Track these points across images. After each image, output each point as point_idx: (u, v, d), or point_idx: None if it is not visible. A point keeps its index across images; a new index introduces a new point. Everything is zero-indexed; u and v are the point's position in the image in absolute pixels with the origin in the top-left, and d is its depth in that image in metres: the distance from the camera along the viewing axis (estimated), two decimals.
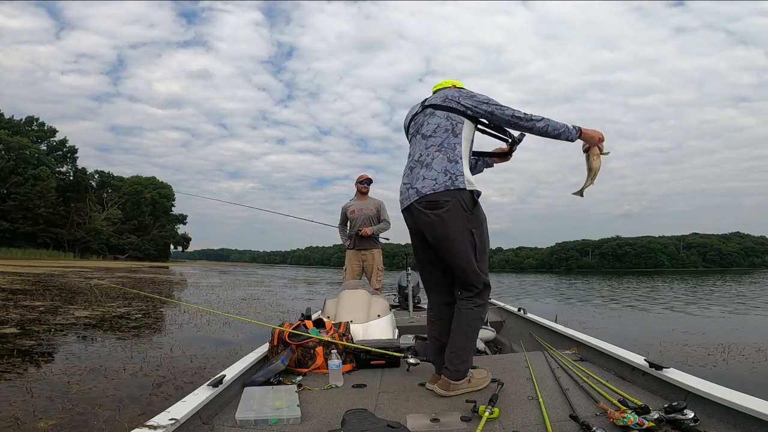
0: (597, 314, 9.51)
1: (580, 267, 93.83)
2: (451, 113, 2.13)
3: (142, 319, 6.97)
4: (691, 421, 1.48)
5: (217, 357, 4.44)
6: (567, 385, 2.06)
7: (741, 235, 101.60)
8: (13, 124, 47.88)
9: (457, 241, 2.02)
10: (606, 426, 1.52)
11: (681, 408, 1.51)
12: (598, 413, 1.68)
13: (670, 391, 1.82)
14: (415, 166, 2.14)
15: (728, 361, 4.56)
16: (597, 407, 1.73)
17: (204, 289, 14.85)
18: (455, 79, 2.34)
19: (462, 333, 2.04)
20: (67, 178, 52.23)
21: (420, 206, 2.06)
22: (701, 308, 10.63)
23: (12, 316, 6.35)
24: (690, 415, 1.49)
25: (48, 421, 2.55)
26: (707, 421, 1.54)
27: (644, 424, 1.49)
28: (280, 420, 1.71)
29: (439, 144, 2.10)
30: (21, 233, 42.70)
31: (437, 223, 2.02)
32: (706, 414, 1.59)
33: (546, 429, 1.57)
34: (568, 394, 1.91)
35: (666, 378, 1.86)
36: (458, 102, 2.13)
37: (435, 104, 2.19)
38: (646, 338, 6.00)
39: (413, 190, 2.10)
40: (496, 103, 2.10)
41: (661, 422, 1.49)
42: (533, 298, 14.38)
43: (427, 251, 2.19)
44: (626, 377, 2.14)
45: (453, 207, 2.00)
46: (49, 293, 10.10)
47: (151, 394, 3.23)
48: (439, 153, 2.08)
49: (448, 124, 2.12)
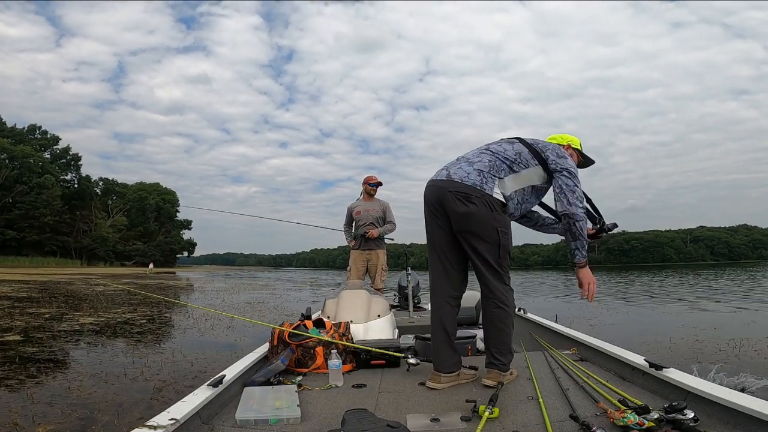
0: (604, 310, 9.42)
1: None
2: (526, 151, 2.18)
3: (146, 324, 6.97)
4: (691, 421, 1.48)
5: (219, 361, 4.42)
6: (567, 385, 2.06)
7: (748, 227, 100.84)
8: (16, 133, 48.37)
9: (484, 235, 2.06)
10: (606, 426, 1.52)
11: (681, 408, 1.51)
12: (598, 413, 1.68)
13: (670, 391, 1.82)
14: (460, 160, 2.21)
15: (740, 357, 4.49)
16: (597, 407, 1.73)
17: (209, 294, 14.88)
18: (572, 136, 2.44)
19: (497, 330, 2.15)
20: (72, 186, 52.67)
21: (449, 191, 2.09)
22: (712, 302, 10.51)
23: (17, 323, 6.37)
24: (690, 415, 1.49)
25: (47, 426, 2.55)
26: (707, 421, 1.54)
27: (644, 424, 1.48)
28: (280, 420, 1.71)
29: (493, 162, 2.13)
30: (28, 242, 43.08)
31: (467, 215, 2.05)
32: (706, 414, 1.58)
33: (546, 429, 1.57)
34: (568, 394, 1.91)
35: (666, 378, 1.87)
36: (543, 151, 2.17)
37: (523, 140, 2.25)
38: (655, 334, 5.92)
39: (445, 172, 2.16)
40: (570, 174, 2.13)
41: (661, 422, 1.49)
42: (537, 295, 14.30)
43: (437, 230, 2.20)
44: (626, 377, 2.14)
45: (480, 204, 2.04)
46: (55, 300, 10.14)
47: (152, 398, 3.22)
48: (488, 163, 2.12)
49: (515, 156, 2.16)
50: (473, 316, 3.88)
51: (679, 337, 5.61)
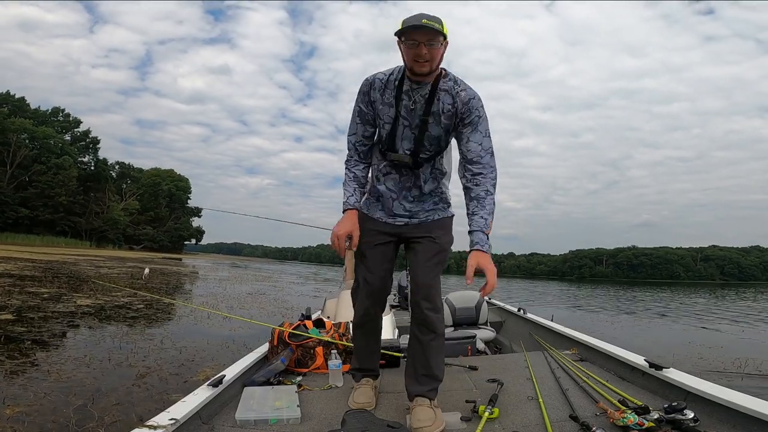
0: (608, 323, 9.28)
1: (593, 275, 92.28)
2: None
3: (143, 309, 6.96)
4: (691, 422, 1.47)
5: (208, 350, 4.37)
6: (567, 385, 2.05)
7: (761, 248, 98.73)
8: (38, 115, 49.13)
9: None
10: (606, 426, 1.52)
11: (681, 408, 1.51)
12: (598, 413, 1.68)
13: (670, 391, 1.81)
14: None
15: (743, 377, 4.39)
16: (597, 407, 1.72)
17: (212, 282, 14.93)
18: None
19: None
20: (89, 168, 53.31)
21: None
22: (718, 322, 10.33)
23: (13, 302, 6.39)
24: (690, 415, 1.48)
25: (15, 408, 2.50)
26: (707, 421, 1.53)
27: (644, 424, 1.48)
28: (280, 420, 1.71)
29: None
30: (40, 220, 43.68)
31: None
32: (706, 414, 1.57)
33: (546, 429, 1.56)
34: (568, 394, 1.90)
35: (666, 378, 1.86)
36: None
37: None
38: (659, 350, 5.82)
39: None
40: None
41: (661, 422, 1.49)
42: (544, 306, 14.11)
43: None
44: (626, 377, 2.13)
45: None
46: (57, 280, 10.22)
47: (133, 385, 3.17)
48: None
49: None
50: (473, 316, 3.88)
51: (684, 354, 5.51)
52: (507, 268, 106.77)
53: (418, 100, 1.67)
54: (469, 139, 1.67)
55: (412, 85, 1.66)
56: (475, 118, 1.67)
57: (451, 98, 1.66)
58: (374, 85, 1.71)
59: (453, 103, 1.66)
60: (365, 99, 1.74)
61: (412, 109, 1.68)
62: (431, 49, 1.56)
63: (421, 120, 1.67)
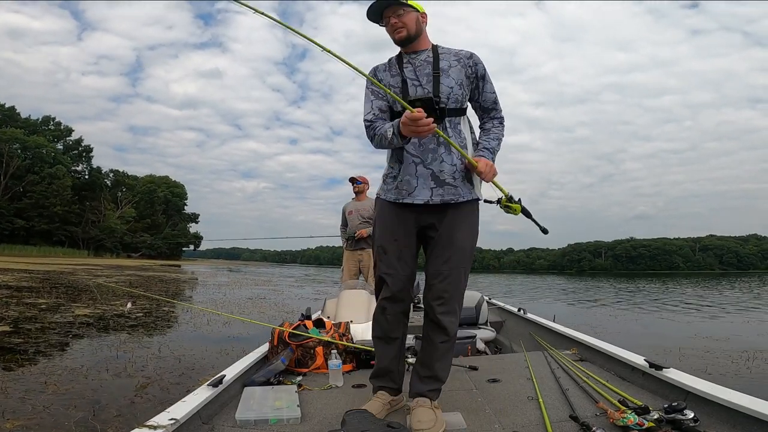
0: (611, 317, 9.23)
1: (592, 268, 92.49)
2: None
3: (142, 318, 6.90)
4: (691, 422, 1.48)
5: (207, 358, 4.32)
6: (567, 385, 2.05)
7: (758, 237, 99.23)
8: (30, 124, 48.90)
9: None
10: (606, 426, 1.53)
11: (681, 408, 1.51)
12: (598, 413, 1.69)
13: (670, 391, 1.82)
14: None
15: (752, 369, 4.36)
16: (597, 407, 1.73)
17: (211, 288, 14.86)
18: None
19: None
20: (83, 177, 53.14)
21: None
22: (724, 312, 10.29)
23: (10, 313, 6.33)
24: (690, 416, 1.49)
25: (15, 422, 2.45)
26: (707, 421, 1.54)
27: (644, 424, 1.49)
28: (280, 420, 1.72)
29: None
30: (36, 231, 43.50)
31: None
32: (706, 414, 1.58)
33: (546, 429, 1.57)
34: (568, 394, 1.91)
35: (666, 378, 1.86)
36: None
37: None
38: (665, 343, 5.73)
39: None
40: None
41: (661, 422, 1.50)
42: (542, 301, 14.10)
43: None
44: (626, 377, 2.13)
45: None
46: (55, 291, 10.13)
47: (135, 395, 3.12)
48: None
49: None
50: (473, 316, 3.87)
51: (689, 347, 5.46)
52: (507, 264, 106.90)
53: (419, 64, 1.80)
54: (484, 89, 1.85)
55: (409, 57, 1.82)
56: (481, 68, 1.83)
57: (454, 56, 1.81)
58: (378, 68, 1.87)
59: (458, 59, 1.80)
60: (375, 79, 1.81)
61: (418, 67, 1.79)
62: (400, 18, 1.76)
63: (433, 75, 1.77)
